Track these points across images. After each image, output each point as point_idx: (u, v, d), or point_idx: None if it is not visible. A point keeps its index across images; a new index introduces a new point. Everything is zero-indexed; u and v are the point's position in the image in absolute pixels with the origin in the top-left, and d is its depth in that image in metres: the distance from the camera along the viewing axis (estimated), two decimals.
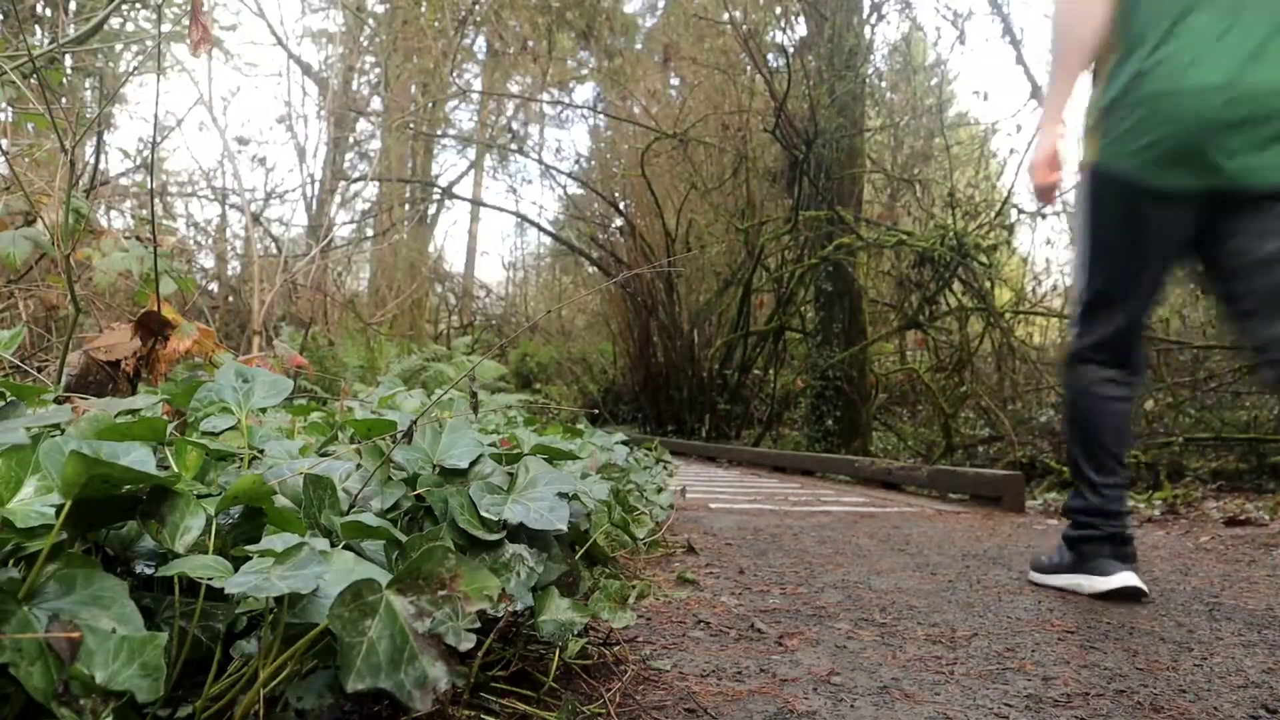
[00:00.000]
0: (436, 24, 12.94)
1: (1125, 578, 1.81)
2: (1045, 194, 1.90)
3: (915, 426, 8.85)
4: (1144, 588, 1.83)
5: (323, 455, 1.23)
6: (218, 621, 0.81)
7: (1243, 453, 5.35)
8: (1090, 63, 1.71)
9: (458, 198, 17.33)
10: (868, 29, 8.50)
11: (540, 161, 15.82)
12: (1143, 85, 1.62)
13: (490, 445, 1.41)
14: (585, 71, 15.32)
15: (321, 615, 0.74)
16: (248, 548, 0.78)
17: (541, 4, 12.78)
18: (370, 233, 13.52)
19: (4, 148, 2.91)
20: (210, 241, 8.38)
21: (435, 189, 15.34)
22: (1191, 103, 1.56)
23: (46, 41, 5.25)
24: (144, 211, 5.05)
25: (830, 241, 7.94)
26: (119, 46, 6.44)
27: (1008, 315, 7.33)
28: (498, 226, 43.74)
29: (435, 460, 1.23)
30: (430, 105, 13.89)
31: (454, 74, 14.66)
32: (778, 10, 9.28)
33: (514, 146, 15.42)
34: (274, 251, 9.13)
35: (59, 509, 0.71)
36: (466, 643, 0.77)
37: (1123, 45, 1.67)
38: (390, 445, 1.22)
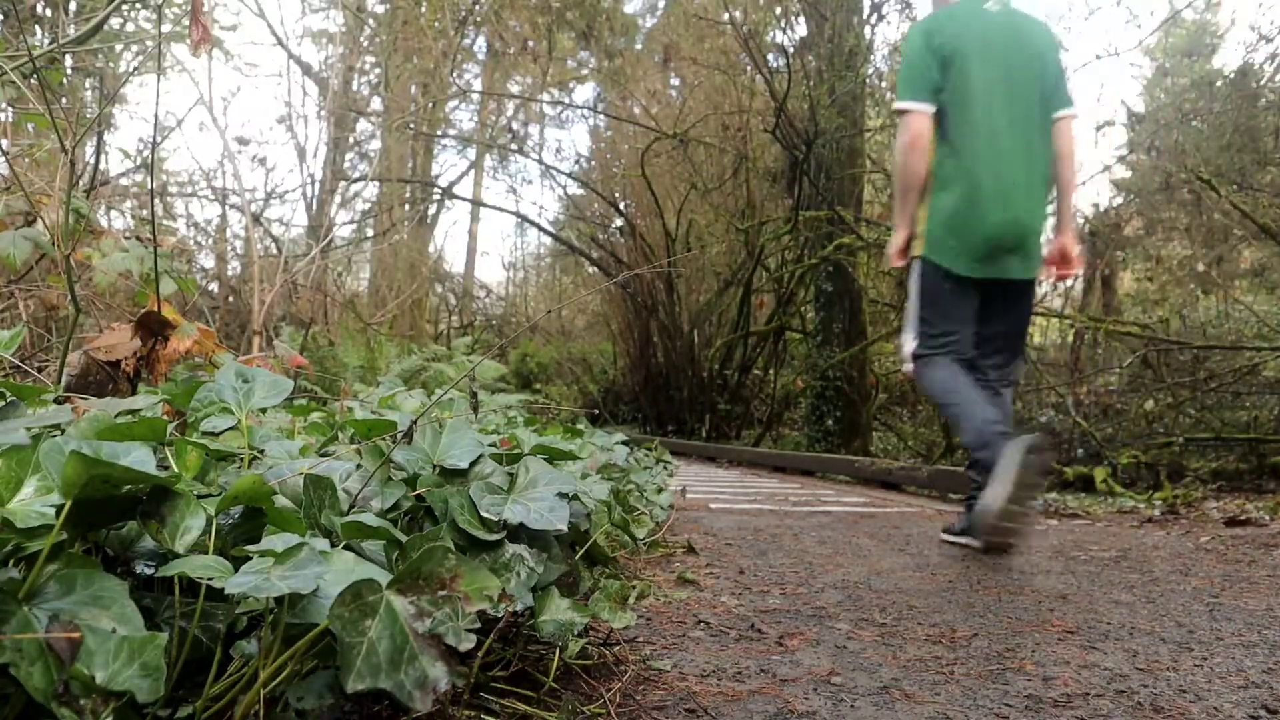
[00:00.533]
0: (436, 24, 12.94)
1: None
2: (896, 264, 2.79)
3: (915, 426, 8.85)
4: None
5: (323, 455, 1.23)
6: (218, 621, 0.81)
7: (1243, 453, 5.35)
8: (919, 194, 2.62)
9: (458, 198, 17.34)
10: (868, 29, 8.51)
11: (540, 161, 15.85)
12: (951, 217, 2.55)
13: (490, 445, 1.41)
14: (585, 71, 15.33)
15: (321, 615, 0.74)
16: (248, 548, 0.78)
17: (541, 4, 12.79)
18: (370, 233, 13.53)
19: (4, 148, 2.91)
20: (210, 241, 8.39)
21: (435, 189, 15.35)
22: (979, 226, 2.51)
23: (47, 41, 5.25)
24: (144, 211, 5.06)
25: (830, 241, 7.94)
26: (119, 46, 6.44)
27: None
28: (498, 226, 43.81)
29: (435, 460, 1.23)
30: (430, 105, 13.89)
31: (454, 74, 14.66)
32: (778, 10, 9.28)
33: (514, 146, 15.43)
34: (274, 251, 9.13)
35: (59, 509, 0.71)
36: (466, 643, 0.77)
37: (937, 187, 2.58)
38: (390, 445, 1.22)
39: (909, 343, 2.67)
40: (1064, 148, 2.61)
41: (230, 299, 7.06)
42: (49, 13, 5.80)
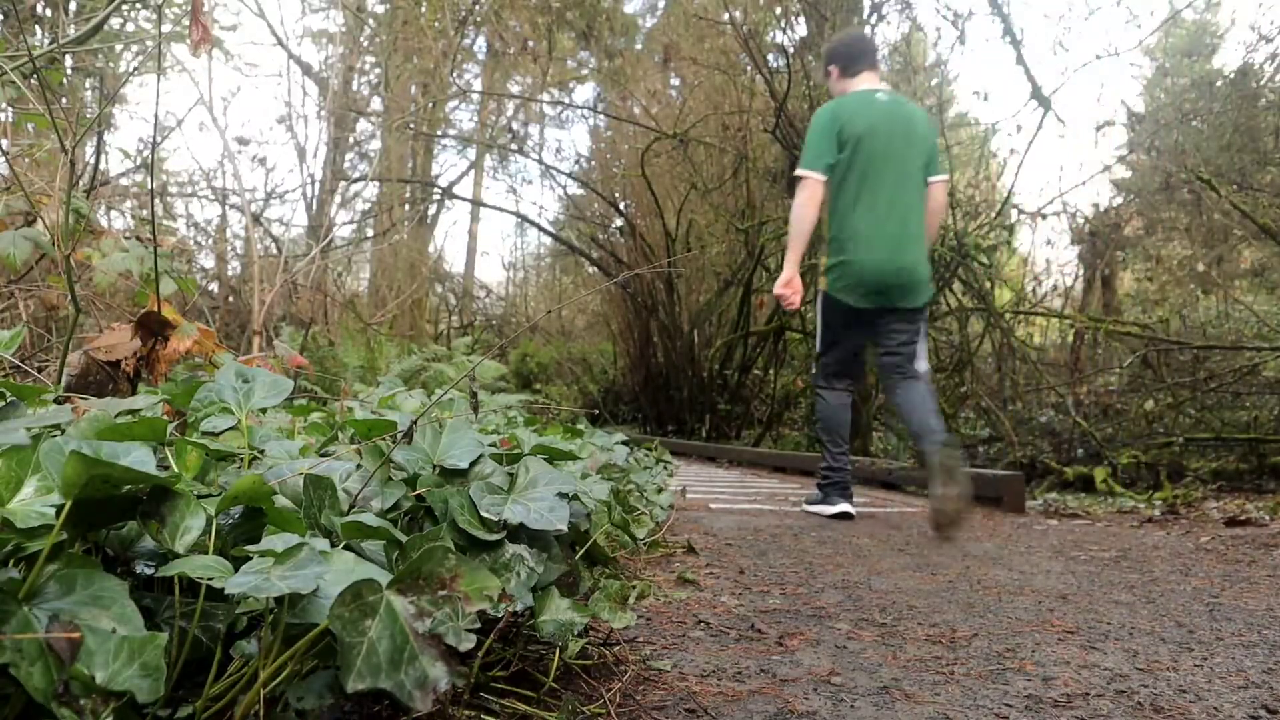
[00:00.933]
0: (436, 24, 12.93)
1: (843, 506, 3.40)
2: (788, 304, 3.42)
3: None
4: (852, 511, 3.42)
5: (323, 455, 1.23)
6: (218, 622, 0.81)
7: (1243, 453, 5.35)
8: (807, 241, 3.33)
9: (458, 198, 17.33)
10: (868, 29, 8.51)
11: (540, 161, 15.82)
12: (849, 256, 3.25)
13: (490, 445, 1.41)
14: (585, 72, 15.32)
15: (322, 615, 0.74)
16: (248, 548, 0.78)
17: (541, 4, 12.78)
18: (370, 233, 13.52)
19: (4, 148, 2.91)
20: (210, 242, 8.38)
21: (435, 189, 15.34)
22: (869, 268, 3.21)
23: (47, 41, 5.25)
24: (144, 211, 5.05)
25: None
26: (119, 47, 6.44)
27: (1008, 315, 7.34)
28: (498, 226, 43.77)
29: (435, 460, 1.23)
30: (430, 105, 13.88)
31: (454, 74, 14.66)
32: (778, 10, 9.28)
33: (514, 146, 15.42)
34: (274, 251, 9.13)
35: (59, 509, 0.71)
36: (467, 643, 0.77)
37: (832, 233, 3.32)
38: (390, 445, 1.22)
39: (820, 356, 3.59)
40: (934, 206, 3.37)
41: (230, 299, 7.06)
42: (49, 13, 5.80)
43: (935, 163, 3.37)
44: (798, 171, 3.36)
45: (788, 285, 3.33)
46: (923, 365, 3.41)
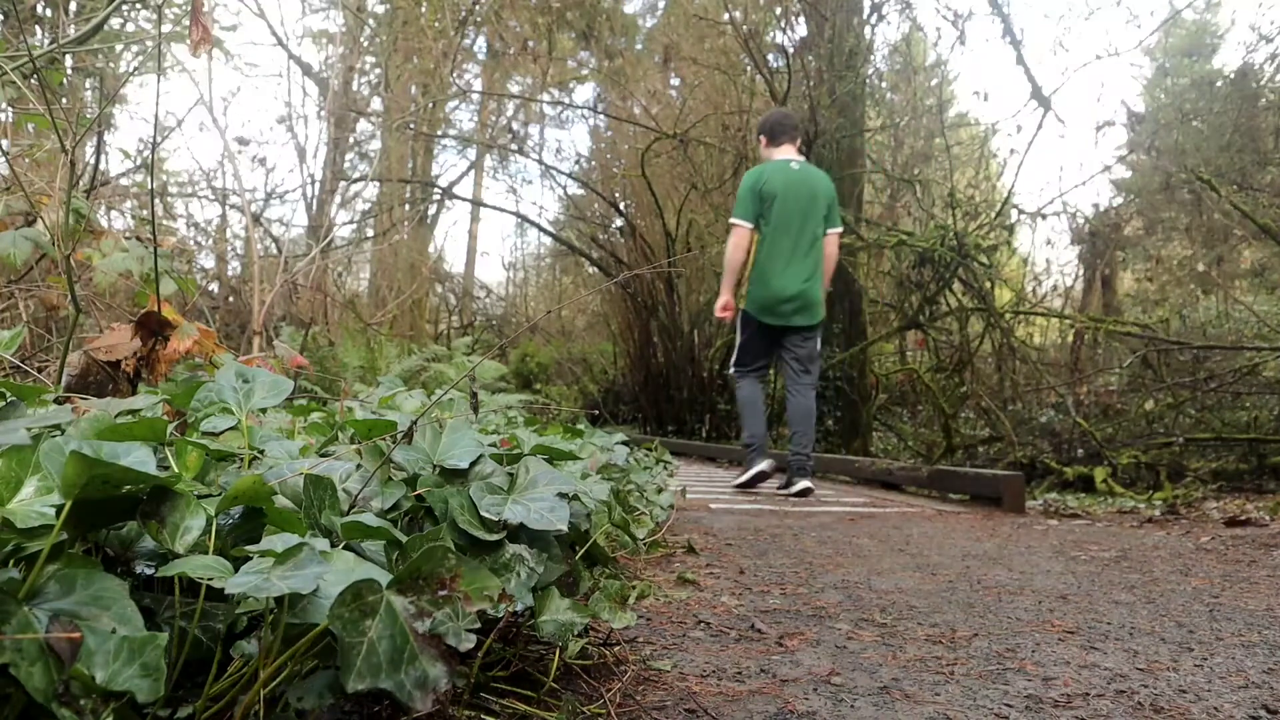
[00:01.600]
0: (436, 24, 12.93)
1: (762, 465, 4.42)
2: (723, 316, 4.49)
3: (915, 427, 8.85)
4: (768, 469, 4.45)
5: (323, 455, 1.23)
6: (218, 622, 0.81)
7: (1243, 453, 5.35)
8: (739, 275, 4.30)
9: (458, 198, 17.33)
10: (868, 29, 8.51)
11: (540, 162, 15.81)
12: (762, 286, 4.23)
13: (490, 445, 1.41)
14: (585, 72, 15.31)
15: (322, 615, 0.74)
16: (248, 548, 0.78)
17: (541, 4, 12.78)
18: (370, 233, 13.53)
19: (4, 148, 2.91)
20: (210, 242, 8.38)
21: (435, 189, 15.34)
22: (776, 295, 4.19)
23: (47, 42, 5.25)
24: (144, 212, 5.06)
25: None
26: (119, 47, 6.45)
27: (1008, 315, 7.33)
28: (498, 227, 43.82)
29: (435, 460, 1.23)
30: (430, 105, 13.88)
31: (454, 74, 14.65)
32: (778, 10, 9.28)
33: (514, 147, 15.42)
34: (274, 252, 9.13)
35: (59, 509, 0.71)
36: (467, 643, 0.77)
37: (754, 269, 4.25)
38: (390, 445, 1.22)
39: (734, 359, 4.59)
40: (829, 251, 4.42)
41: (230, 299, 7.06)
42: (49, 13, 5.80)
43: (833, 217, 4.39)
44: (730, 220, 4.44)
45: (724, 308, 4.50)
46: (815, 363, 4.49)
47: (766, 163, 4.42)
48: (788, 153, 4.42)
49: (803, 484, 4.22)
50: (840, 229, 4.43)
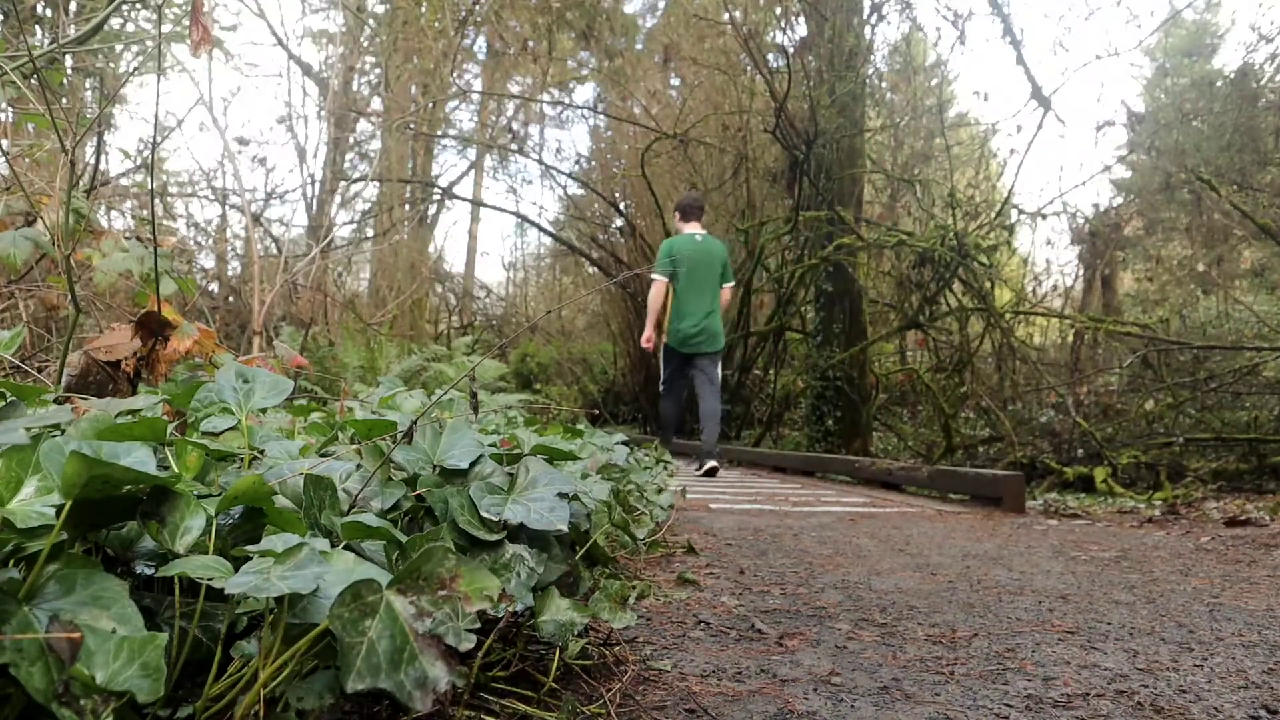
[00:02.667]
0: (436, 24, 12.93)
1: (671, 445, 5.97)
2: (646, 347, 5.96)
3: (915, 427, 8.85)
4: (670, 453, 5.32)
5: (323, 455, 1.23)
6: (218, 622, 0.81)
7: (1243, 453, 5.35)
8: (660, 316, 5.74)
9: (458, 198, 17.32)
10: (868, 29, 8.50)
11: (540, 162, 15.81)
12: (677, 325, 5.73)
13: (490, 445, 1.41)
14: (585, 72, 15.31)
15: (322, 615, 0.74)
16: (248, 548, 0.78)
17: (541, 4, 12.78)
18: (370, 233, 13.52)
19: (4, 148, 2.91)
20: (210, 242, 8.37)
21: (435, 189, 15.34)
22: (688, 331, 5.70)
23: (47, 42, 5.25)
24: (144, 212, 5.06)
25: (830, 242, 7.93)
26: (119, 47, 6.44)
27: (1008, 315, 7.33)
28: (498, 227, 43.82)
29: (435, 460, 1.23)
30: (430, 105, 13.87)
31: (454, 74, 14.65)
32: (778, 10, 9.28)
33: (514, 147, 15.41)
34: (274, 252, 9.13)
35: (59, 509, 0.71)
36: (467, 643, 0.77)
37: (672, 313, 5.74)
38: (390, 445, 1.22)
39: (663, 381, 6.09)
40: (724, 299, 5.93)
41: (230, 299, 7.06)
42: (49, 13, 5.80)
43: (727, 274, 5.92)
44: (652, 276, 5.90)
45: (648, 339, 5.93)
46: (718, 378, 5.90)
47: (678, 235, 5.96)
48: (694, 228, 5.93)
49: (709, 464, 5.58)
50: (732, 283, 6.05)
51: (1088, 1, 13.29)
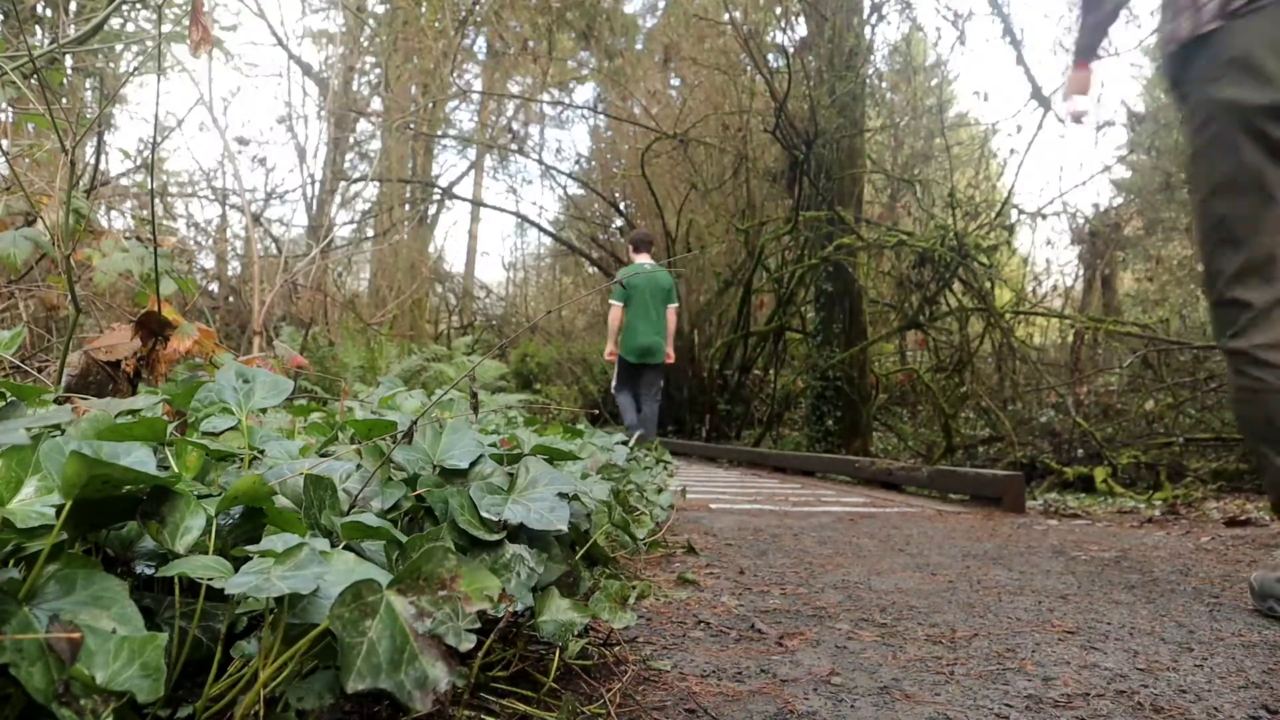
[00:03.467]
0: (437, 24, 12.93)
1: (639, 433, 5.59)
2: (609, 359, 6.89)
3: (915, 427, 8.85)
4: (636, 439, 4.75)
5: (323, 456, 1.23)
6: (218, 622, 0.81)
7: (1243, 453, 5.35)
8: (618, 334, 6.59)
9: (458, 198, 17.33)
10: (868, 29, 8.50)
11: (540, 162, 15.82)
12: (629, 341, 6.52)
13: (490, 445, 1.41)
14: (585, 72, 15.31)
15: (322, 616, 0.74)
16: (248, 548, 0.78)
17: (541, 4, 12.78)
18: (370, 233, 13.53)
19: (4, 148, 2.91)
20: (210, 242, 8.38)
21: (435, 189, 15.34)
22: (638, 346, 6.52)
23: (47, 42, 5.25)
24: (144, 212, 5.06)
25: (830, 242, 7.94)
26: (119, 47, 6.45)
27: (1008, 315, 7.33)
28: (498, 227, 43.88)
29: (435, 460, 1.23)
30: (430, 105, 13.87)
31: (454, 74, 14.65)
32: (778, 10, 9.28)
33: (514, 147, 15.41)
34: (274, 252, 9.13)
35: (59, 509, 0.71)
36: (467, 643, 0.77)
37: (625, 331, 6.55)
38: (390, 445, 1.22)
39: (614, 383, 6.82)
40: (670, 320, 6.61)
41: (230, 299, 7.06)
42: (49, 13, 5.80)
43: (671, 297, 6.65)
44: (610, 301, 6.74)
45: (610, 354, 6.68)
46: (659, 386, 6.76)
47: (631, 264, 6.83)
48: (645, 258, 6.78)
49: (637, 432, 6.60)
50: (676, 304, 6.78)
51: None
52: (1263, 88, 1.66)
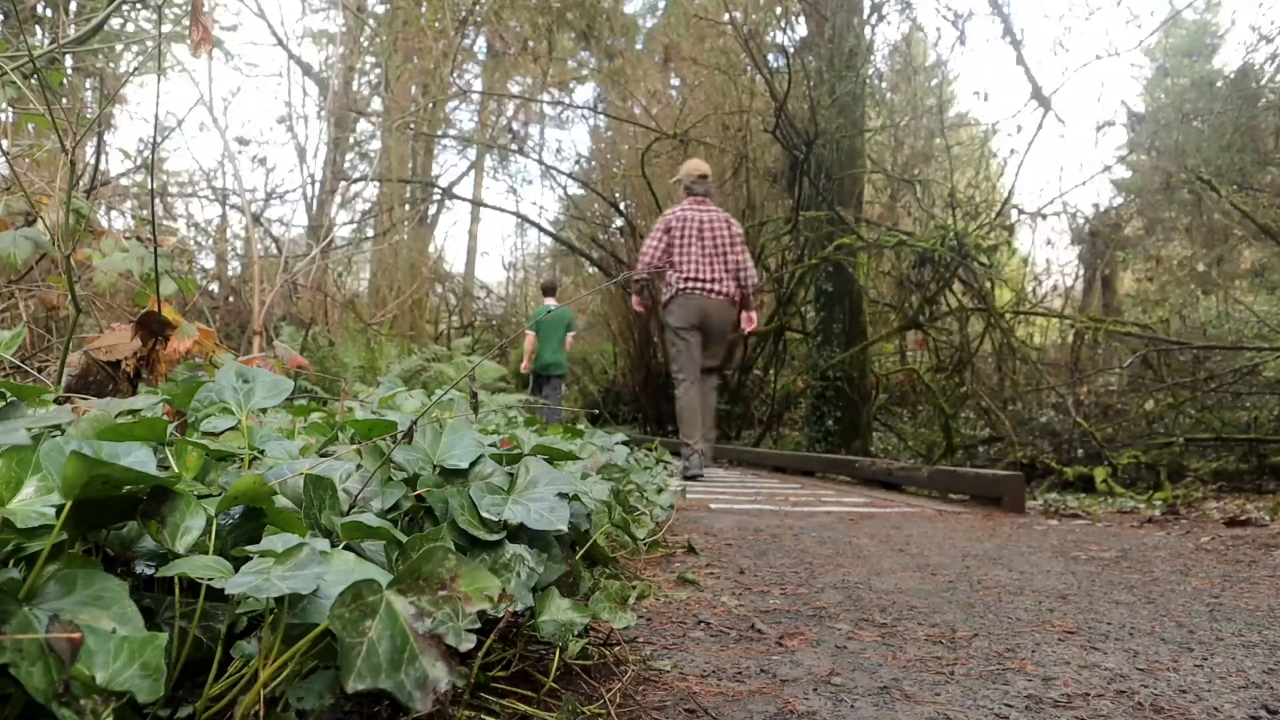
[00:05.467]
0: (437, 24, 12.93)
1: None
2: (524, 371, 9.54)
3: (915, 427, 8.85)
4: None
5: (323, 456, 1.23)
6: (218, 622, 0.81)
7: (1243, 453, 5.35)
8: (532, 353, 9.17)
9: (458, 198, 17.33)
10: (868, 29, 8.50)
11: (540, 162, 15.82)
12: (540, 359, 9.12)
13: (490, 445, 1.41)
14: (585, 72, 15.31)
15: (322, 616, 0.74)
16: (248, 548, 0.78)
17: (542, 4, 12.77)
18: (370, 233, 13.52)
19: (5, 148, 2.91)
20: (210, 242, 8.38)
21: (435, 189, 15.34)
22: (545, 363, 9.13)
23: (47, 42, 5.25)
24: (144, 212, 5.06)
25: (830, 242, 7.93)
26: (119, 47, 6.45)
27: (1008, 316, 7.33)
28: (498, 227, 43.88)
29: (435, 460, 1.23)
30: (430, 105, 13.87)
31: (454, 74, 14.65)
32: (778, 10, 9.28)
33: (514, 147, 15.41)
34: (274, 252, 9.13)
35: (59, 509, 0.71)
36: (467, 643, 0.77)
37: (537, 352, 9.14)
38: (390, 445, 1.22)
39: (530, 388, 9.19)
40: (567, 344, 9.16)
41: (230, 299, 7.06)
42: (49, 13, 5.80)
43: (570, 327, 9.06)
44: (525, 330, 9.63)
45: (525, 368, 8.82)
46: (561, 391, 8.66)
47: (543, 305, 9.10)
48: (551, 301, 9.39)
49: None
50: (573, 334, 9.15)
51: (1088, 1, 13.29)
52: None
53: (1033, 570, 2.24)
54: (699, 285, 5.27)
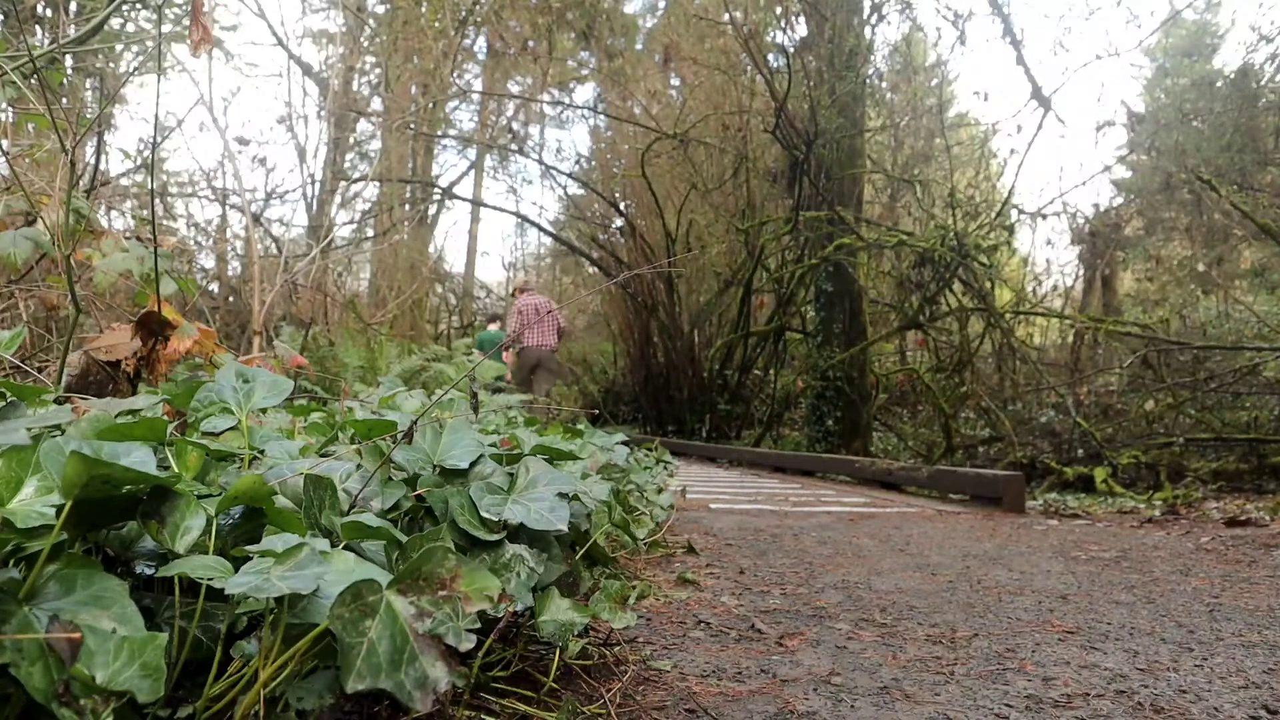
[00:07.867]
0: (437, 24, 12.93)
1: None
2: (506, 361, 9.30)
3: (915, 427, 8.85)
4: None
5: (323, 456, 1.23)
6: (218, 622, 0.81)
7: (1243, 453, 5.35)
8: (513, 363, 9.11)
9: (458, 198, 17.33)
10: (868, 29, 8.50)
11: (540, 162, 15.83)
12: (515, 360, 8.90)
13: (490, 446, 1.41)
14: (586, 72, 15.31)
15: (322, 616, 0.74)
16: (248, 548, 0.78)
17: (542, 4, 12.77)
18: (370, 233, 13.52)
19: (5, 148, 2.91)
20: (210, 242, 8.37)
21: (435, 189, 15.34)
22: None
23: (47, 42, 5.25)
24: (144, 212, 5.06)
25: (830, 242, 7.93)
26: (119, 47, 6.45)
27: (1008, 315, 7.33)
28: (498, 227, 43.86)
29: (436, 460, 1.23)
30: (430, 105, 13.87)
31: (454, 74, 14.64)
32: (778, 10, 9.28)
33: (514, 147, 15.41)
34: (274, 252, 9.13)
35: (59, 509, 0.71)
36: (467, 643, 0.77)
37: (514, 358, 9.19)
38: (391, 446, 1.22)
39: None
40: (507, 359, 8.90)
41: (230, 299, 7.06)
42: (49, 13, 5.80)
43: (499, 343, 8.95)
44: (474, 349, 8.79)
45: (510, 364, 8.73)
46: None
47: (486, 330, 10.22)
48: (495, 327, 10.30)
49: None
50: (508, 356, 9.27)
51: (1088, 1, 13.30)
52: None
53: (1033, 570, 2.24)
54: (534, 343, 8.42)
